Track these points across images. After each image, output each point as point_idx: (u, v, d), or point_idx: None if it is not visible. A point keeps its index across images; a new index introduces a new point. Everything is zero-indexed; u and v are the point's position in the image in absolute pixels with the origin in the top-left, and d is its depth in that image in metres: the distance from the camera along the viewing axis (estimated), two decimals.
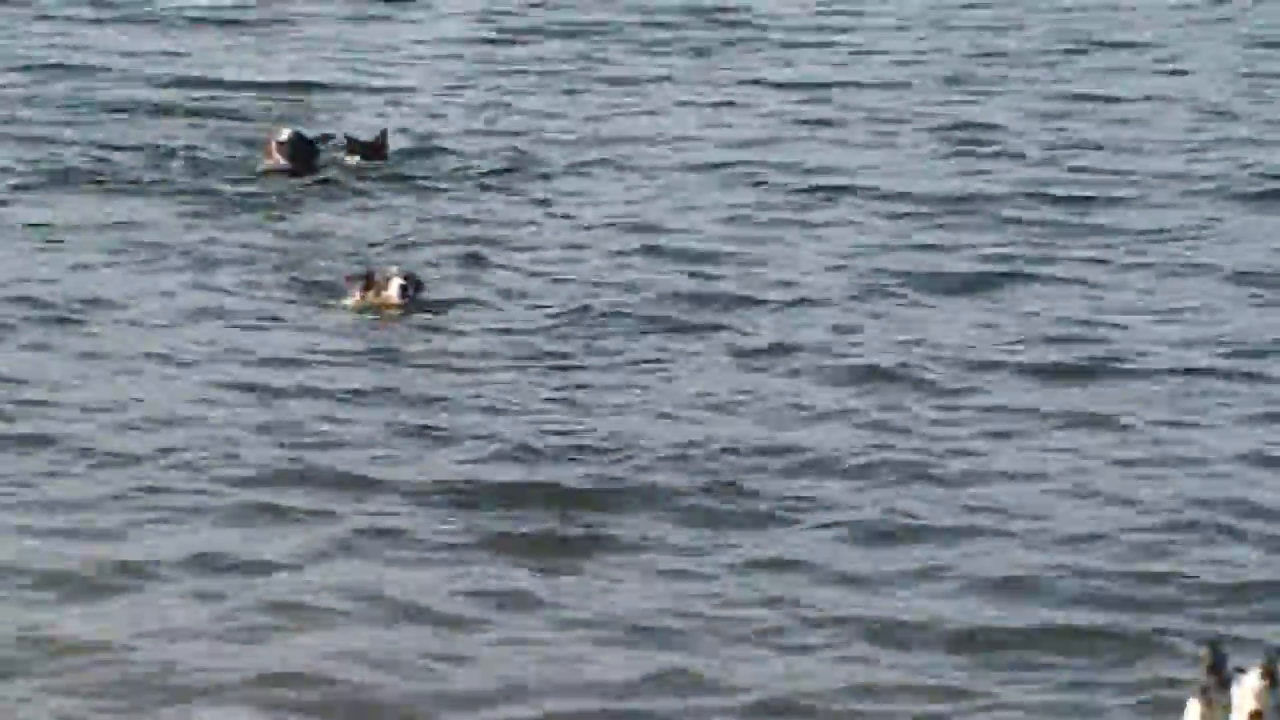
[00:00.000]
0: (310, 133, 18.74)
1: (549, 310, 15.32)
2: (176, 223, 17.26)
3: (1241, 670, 9.01)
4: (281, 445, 13.13)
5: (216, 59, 21.35)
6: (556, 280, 15.93)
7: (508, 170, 18.48)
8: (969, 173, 18.51)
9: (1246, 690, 8.97)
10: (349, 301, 15.58)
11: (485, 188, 18.13)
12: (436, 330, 15.16)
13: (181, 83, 20.67)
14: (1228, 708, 8.95)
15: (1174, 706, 9.62)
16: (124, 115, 19.79)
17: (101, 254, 16.63)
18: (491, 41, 22.19)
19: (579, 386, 14.01)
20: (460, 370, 14.40)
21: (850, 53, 21.93)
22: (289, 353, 14.70)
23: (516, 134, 19.35)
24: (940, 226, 17.19)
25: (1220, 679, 9.00)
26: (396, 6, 23.46)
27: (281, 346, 14.83)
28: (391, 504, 12.31)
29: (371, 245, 16.75)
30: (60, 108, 19.84)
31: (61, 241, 16.85)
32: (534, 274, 16.10)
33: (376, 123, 18.92)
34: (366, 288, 15.49)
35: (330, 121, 19.75)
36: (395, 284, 15.38)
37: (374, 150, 18.70)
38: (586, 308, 15.36)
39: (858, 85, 20.86)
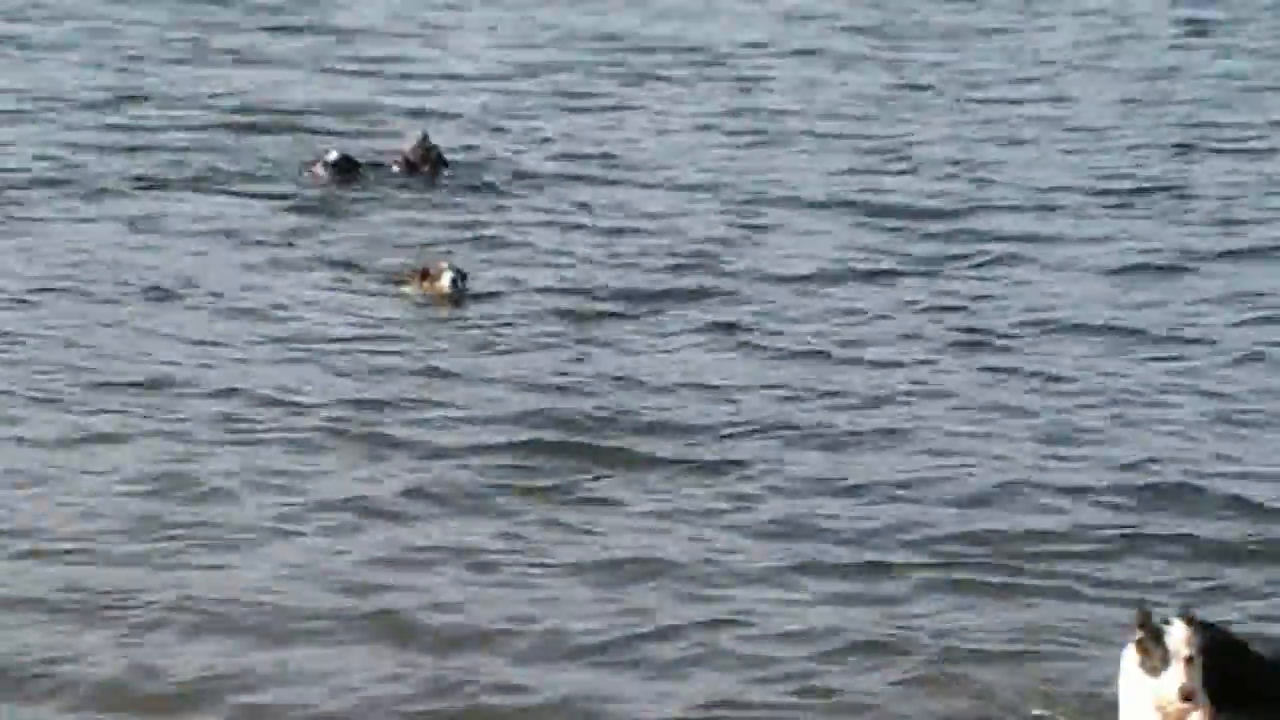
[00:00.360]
0: (359, 150, 18.82)
1: (568, 299, 15.38)
2: (261, 222, 17.36)
3: (1168, 622, 8.80)
4: (344, 409, 13.14)
5: (291, 90, 21.45)
6: (572, 273, 16.01)
7: (533, 181, 18.59)
8: (893, 185, 18.69)
9: (1178, 639, 8.74)
10: (407, 290, 15.61)
11: (514, 196, 18.22)
12: (479, 316, 15.19)
13: (264, 106, 20.75)
14: (1165, 656, 8.73)
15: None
16: (219, 132, 19.85)
17: (197, 245, 16.70)
18: (508, 76, 22.29)
19: (587, 364, 14.05)
20: (498, 350, 14.45)
21: (799, 86, 22.13)
22: (357, 332, 14.77)
23: (538, 152, 19.50)
24: (868, 229, 17.37)
25: (1152, 631, 8.79)
26: (431, 45, 23.59)
27: (350, 327, 14.89)
28: (433, 462, 12.36)
29: (426, 244, 16.73)
30: (169, 128, 19.89)
31: (165, 234, 16.93)
32: (555, 268, 16.16)
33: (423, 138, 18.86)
34: (422, 279, 15.53)
35: (385, 137, 19.81)
36: (447, 276, 15.42)
37: (426, 159, 18.64)
38: (596, 298, 15.44)
39: (803, 113, 21.01)
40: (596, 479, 12.29)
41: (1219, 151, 19.97)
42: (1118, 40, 24.29)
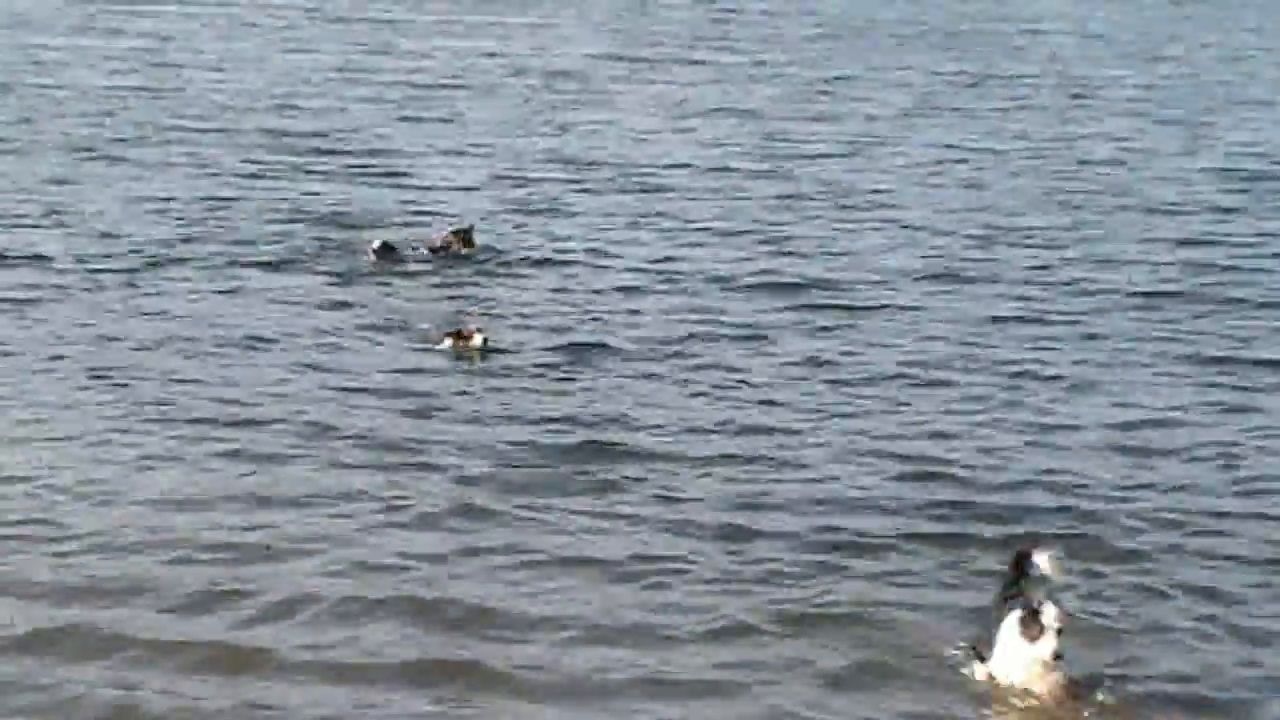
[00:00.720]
0: (396, 238, 18.49)
1: (559, 354, 15.15)
2: (323, 294, 17.11)
3: (1042, 604, 9.02)
4: (391, 437, 12.99)
5: (339, 196, 21.17)
6: (561, 335, 15.76)
7: (526, 262, 18.40)
8: (776, 265, 18.60)
9: (1051, 616, 8.97)
10: (444, 346, 15.12)
11: (527, 273, 18.06)
12: (503, 367, 14.90)
13: (321, 208, 20.43)
14: (1041, 628, 8.94)
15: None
16: (288, 225, 19.64)
17: (270, 307, 16.48)
18: (497, 185, 22.09)
19: (576, 404, 13.88)
20: (517, 390, 14.25)
21: (710, 195, 22.03)
22: (402, 380, 14.45)
23: (526, 241, 19.26)
24: (761, 300, 17.27)
25: (1032, 610, 8.99)
26: (440, 163, 23.20)
27: (399, 375, 14.59)
28: (458, 478, 12.23)
29: (459, 310, 16.47)
30: (250, 224, 19.61)
31: (249, 302, 16.68)
32: (548, 330, 15.93)
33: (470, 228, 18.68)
34: (457, 338, 15.08)
35: (412, 229, 19.53)
36: (478, 337, 14.99)
37: (466, 240, 18.36)
38: (589, 349, 15.30)
39: (713, 215, 20.94)
40: (577, 491, 12.20)
41: (1018, 245, 19.89)
42: (945, 162, 24.26)
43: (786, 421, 13.77)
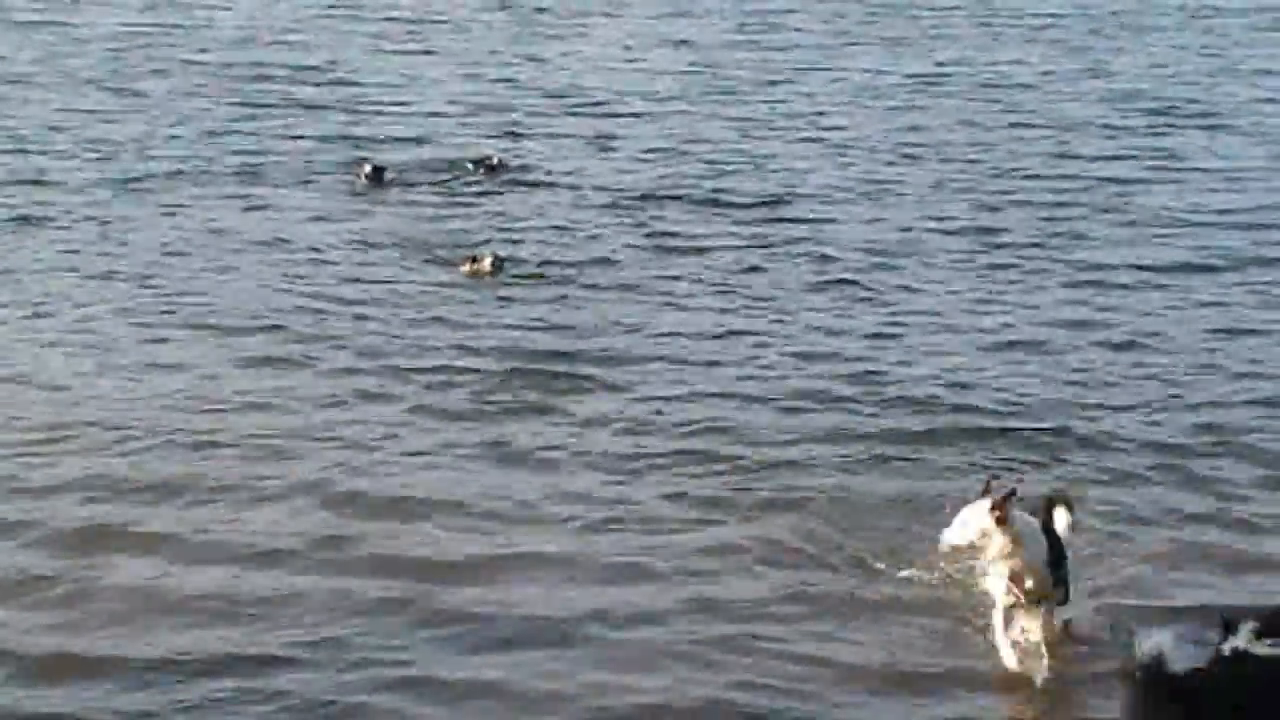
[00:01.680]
0: (385, 162, 18.22)
1: (552, 269, 14.96)
2: (320, 210, 16.93)
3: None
4: (405, 352, 12.81)
5: (340, 125, 20.82)
6: (574, 251, 15.61)
7: (517, 183, 18.13)
8: (715, 183, 18.36)
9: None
10: (461, 270, 14.74)
11: (507, 193, 17.82)
12: (513, 288, 14.59)
13: (327, 134, 20.16)
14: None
15: None
16: (291, 148, 19.40)
17: (273, 223, 16.25)
18: (485, 107, 21.79)
19: (567, 317, 13.71)
20: (520, 304, 14.10)
21: (661, 116, 21.61)
22: (418, 300, 14.21)
23: (516, 165, 18.88)
24: (700, 213, 17.23)
25: (1006, 511, 8.21)
26: (422, 94, 22.82)
27: (414, 296, 14.33)
28: (447, 382, 12.18)
29: (473, 234, 16.22)
30: (268, 142, 19.35)
31: (266, 215, 16.53)
32: (563, 248, 15.76)
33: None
34: (471, 262, 14.70)
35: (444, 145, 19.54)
36: (489, 260, 14.58)
37: (488, 166, 18.16)
38: (563, 263, 15.14)
39: (663, 136, 20.57)
40: (558, 392, 12.16)
41: (935, 161, 19.73)
42: (869, 87, 23.87)
43: (736, 326, 13.76)
